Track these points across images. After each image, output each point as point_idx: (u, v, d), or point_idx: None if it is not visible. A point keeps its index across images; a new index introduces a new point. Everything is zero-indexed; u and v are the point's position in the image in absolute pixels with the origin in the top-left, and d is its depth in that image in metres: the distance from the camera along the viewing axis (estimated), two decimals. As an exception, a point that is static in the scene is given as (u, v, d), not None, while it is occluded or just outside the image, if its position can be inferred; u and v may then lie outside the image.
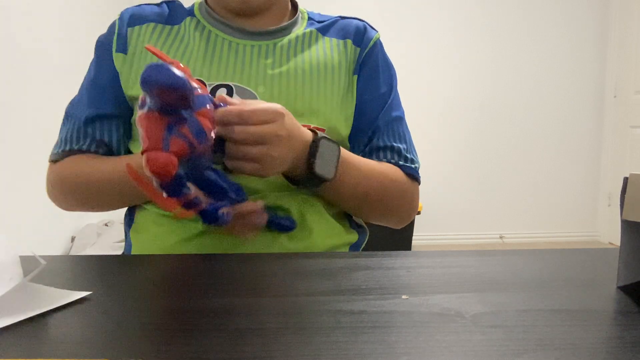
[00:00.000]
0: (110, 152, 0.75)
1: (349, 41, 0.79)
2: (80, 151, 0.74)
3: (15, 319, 0.38)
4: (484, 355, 0.33)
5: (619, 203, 0.44)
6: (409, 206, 0.80)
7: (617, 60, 3.39)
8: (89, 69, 0.78)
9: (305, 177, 0.65)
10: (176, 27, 0.76)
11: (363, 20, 0.83)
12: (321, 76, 0.75)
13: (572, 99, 3.47)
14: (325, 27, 0.80)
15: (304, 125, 0.71)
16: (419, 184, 0.80)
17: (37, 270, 0.43)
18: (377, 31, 0.82)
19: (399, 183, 0.76)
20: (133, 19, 0.76)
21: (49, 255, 0.60)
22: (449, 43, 3.43)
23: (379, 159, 0.77)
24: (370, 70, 0.79)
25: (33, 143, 2.02)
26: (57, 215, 0.79)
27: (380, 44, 0.82)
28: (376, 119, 0.78)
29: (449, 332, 0.36)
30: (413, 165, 0.79)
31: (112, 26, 0.77)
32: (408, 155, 0.79)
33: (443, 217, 3.47)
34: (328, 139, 0.65)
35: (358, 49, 0.79)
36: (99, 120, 0.74)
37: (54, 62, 2.20)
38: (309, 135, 0.64)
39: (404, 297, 0.44)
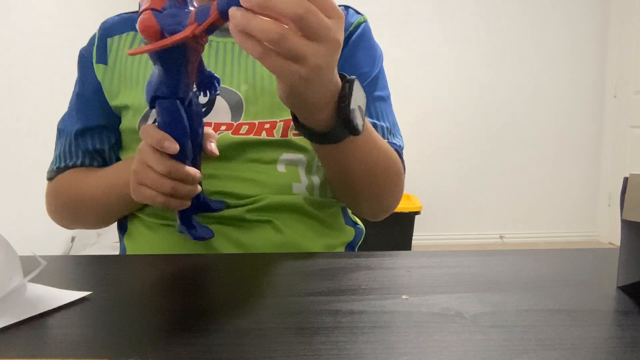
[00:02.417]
0: (104, 162, 0.76)
1: None
2: (74, 167, 0.76)
3: (15, 319, 0.38)
4: (484, 355, 0.33)
5: (619, 203, 0.44)
6: (401, 191, 0.74)
7: (617, 60, 3.39)
8: (75, 83, 0.79)
9: (332, 126, 0.55)
10: None
11: (349, 7, 0.79)
12: None
13: (572, 98, 3.47)
14: None
15: (290, 120, 0.70)
16: (404, 168, 0.74)
17: (37, 270, 0.43)
18: (361, 15, 0.78)
19: (396, 160, 0.70)
20: (112, 28, 0.76)
21: (49, 255, 0.60)
22: (450, 43, 3.43)
23: None
24: (348, 51, 0.75)
25: (33, 143, 2.02)
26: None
27: (366, 27, 0.78)
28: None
29: (449, 332, 0.36)
30: (398, 144, 0.74)
31: (92, 38, 0.78)
32: (391, 136, 0.74)
33: (443, 217, 3.47)
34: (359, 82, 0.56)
35: None
36: (89, 132, 0.75)
37: (56, 62, 2.20)
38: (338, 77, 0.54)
39: (404, 297, 0.43)
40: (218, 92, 0.59)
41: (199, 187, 0.58)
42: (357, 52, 0.76)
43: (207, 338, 0.35)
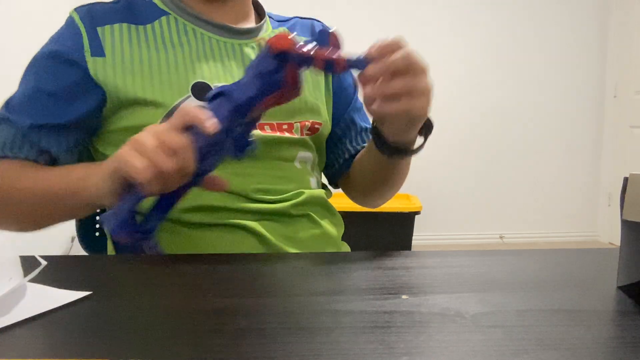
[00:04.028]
0: (53, 162, 0.69)
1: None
2: (16, 159, 0.67)
3: (15, 319, 0.38)
4: (484, 355, 0.33)
5: (619, 203, 0.44)
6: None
7: (617, 60, 3.38)
8: (35, 69, 0.71)
9: (414, 142, 0.67)
10: (149, 26, 0.72)
11: (319, 20, 0.88)
12: (311, 73, 0.78)
13: (572, 99, 3.47)
14: (291, 27, 0.84)
15: (304, 122, 0.75)
16: None
17: (37, 270, 0.43)
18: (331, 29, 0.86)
19: None
20: (98, 18, 0.70)
21: (49, 255, 0.59)
22: (449, 43, 3.42)
23: (368, 138, 0.82)
24: None
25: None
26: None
27: None
28: (350, 103, 0.84)
29: (449, 332, 0.36)
30: None
31: (72, 27, 0.70)
32: None
33: (443, 217, 3.47)
34: None
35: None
36: (46, 129, 0.67)
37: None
38: None
39: (404, 297, 0.43)
40: (239, 156, 0.58)
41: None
42: None
43: (207, 338, 0.35)
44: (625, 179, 0.43)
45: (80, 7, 0.72)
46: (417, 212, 2.74)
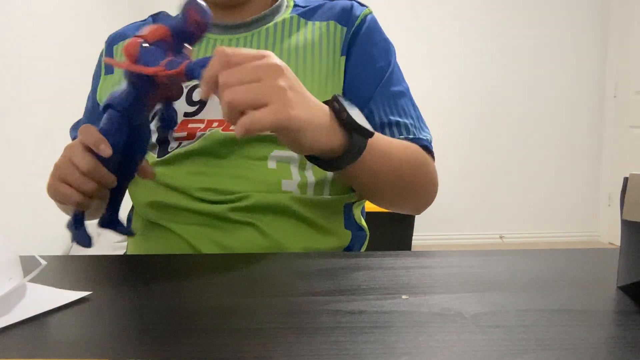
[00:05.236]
0: None
1: (332, 22, 0.75)
2: None
3: (15, 319, 0.38)
4: (484, 355, 0.33)
5: (619, 203, 0.44)
6: (434, 185, 0.73)
7: (617, 60, 3.39)
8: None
9: (343, 145, 0.56)
10: None
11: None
12: (300, 60, 0.72)
13: (572, 99, 3.47)
14: (309, 11, 0.77)
15: None
16: (434, 160, 0.73)
17: (37, 270, 0.43)
18: (366, 7, 0.77)
19: (422, 158, 0.70)
20: (117, 38, 0.80)
21: (49, 255, 0.60)
22: (449, 43, 3.43)
23: (393, 134, 0.71)
24: (361, 46, 0.74)
25: (33, 143, 2.02)
26: (57, 215, 0.81)
27: (373, 19, 0.76)
28: (372, 95, 0.72)
29: (449, 332, 0.36)
30: (425, 138, 0.73)
31: (101, 55, 0.82)
32: (416, 131, 0.72)
33: (443, 217, 3.47)
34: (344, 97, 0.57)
35: (344, 29, 0.74)
36: None
37: (55, 59, 2.20)
38: (319, 101, 0.55)
39: (404, 297, 0.43)
40: (172, 134, 0.62)
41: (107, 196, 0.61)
42: (369, 47, 0.74)
43: (207, 338, 0.35)
44: (625, 179, 0.43)
45: (113, 32, 0.83)
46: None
